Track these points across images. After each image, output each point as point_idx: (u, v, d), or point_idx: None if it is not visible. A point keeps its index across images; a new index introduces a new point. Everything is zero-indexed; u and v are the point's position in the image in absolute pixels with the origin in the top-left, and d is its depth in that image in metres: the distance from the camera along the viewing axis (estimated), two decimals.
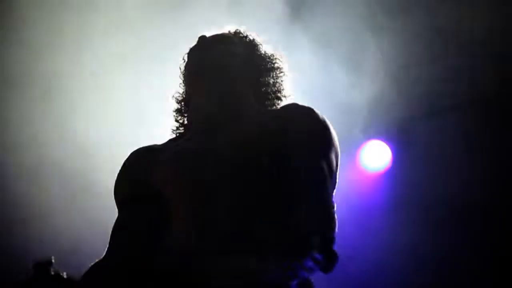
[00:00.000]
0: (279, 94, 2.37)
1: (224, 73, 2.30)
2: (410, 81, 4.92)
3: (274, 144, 2.13)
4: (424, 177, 5.07)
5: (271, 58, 2.39)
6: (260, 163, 2.10)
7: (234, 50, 2.35)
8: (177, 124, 2.43)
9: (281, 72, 2.39)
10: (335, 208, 2.07)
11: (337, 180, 2.16)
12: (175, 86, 2.45)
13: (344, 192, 4.95)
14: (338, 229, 1.99)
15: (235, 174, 2.12)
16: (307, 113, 2.22)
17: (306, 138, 2.14)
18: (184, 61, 2.40)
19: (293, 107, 2.26)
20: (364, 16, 4.75)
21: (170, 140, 2.40)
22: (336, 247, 2.00)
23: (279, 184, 2.08)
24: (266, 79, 2.36)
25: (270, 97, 2.36)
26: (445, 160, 5.05)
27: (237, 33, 2.43)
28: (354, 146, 5.20)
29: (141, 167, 2.28)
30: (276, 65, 2.39)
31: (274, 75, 2.38)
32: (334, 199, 2.13)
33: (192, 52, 2.38)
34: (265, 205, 2.06)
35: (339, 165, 2.17)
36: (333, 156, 2.15)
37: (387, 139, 5.21)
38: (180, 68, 2.41)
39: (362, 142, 5.23)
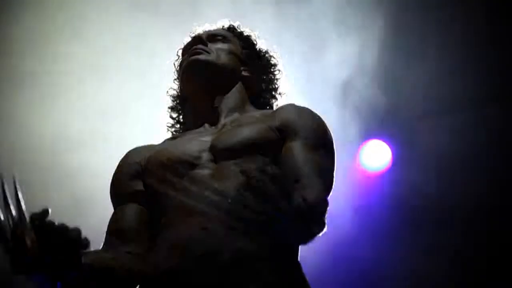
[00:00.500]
0: (274, 92, 2.36)
1: (220, 73, 2.28)
2: (411, 80, 4.92)
3: (271, 141, 2.11)
4: (424, 177, 5.06)
5: (267, 55, 2.39)
6: (258, 159, 2.08)
7: (230, 49, 2.33)
8: (172, 121, 2.41)
9: (276, 69, 2.38)
10: (327, 204, 2.02)
11: (333, 180, 2.14)
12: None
13: (344, 192, 4.97)
14: (337, 227, 1.97)
15: (228, 167, 2.10)
16: (305, 112, 2.22)
17: (303, 134, 2.12)
18: (178, 57, 2.38)
19: (291, 106, 2.26)
20: (362, 14, 4.74)
21: (167, 139, 2.39)
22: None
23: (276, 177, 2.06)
24: (262, 77, 2.35)
25: (266, 95, 2.35)
26: (445, 160, 5.04)
27: (232, 29, 2.41)
28: (354, 146, 5.19)
29: (137, 163, 2.27)
30: (271, 62, 2.38)
31: (269, 73, 2.37)
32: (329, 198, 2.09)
33: (187, 50, 2.36)
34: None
35: (334, 166, 2.16)
36: (329, 155, 2.14)
37: (387, 139, 5.20)
38: (174, 65, 2.39)
39: (362, 142, 5.22)
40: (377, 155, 5.21)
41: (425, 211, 5.07)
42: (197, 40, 2.37)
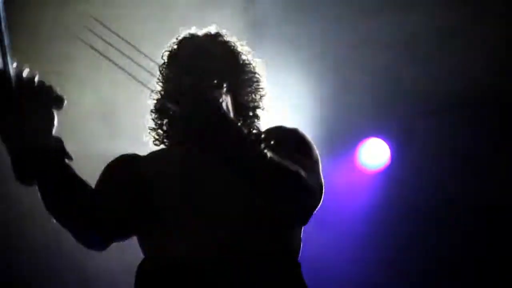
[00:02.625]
0: (256, 107, 2.32)
1: (203, 92, 2.24)
2: (410, 79, 4.92)
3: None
4: (423, 176, 5.06)
5: (251, 69, 2.33)
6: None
7: (214, 65, 2.26)
8: (155, 125, 2.37)
9: (260, 83, 2.34)
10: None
11: (320, 196, 2.13)
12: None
13: (343, 190, 4.98)
14: (336, 226, 1.96)
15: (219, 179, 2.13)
16: (291, 131, 2.21)
17: (288, 149, 2.10)
18: (164, 61, 2.34)
19: (278, 127, 2.24)
20: (361, 15, 4.74)
21: (153, 152, 2.35)
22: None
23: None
24: (245, 91, 2.31)
25: (248, 112, 2.31)
26: (444, 159, 5.04)
27: (217, 36, 2.35)
28: (353, 145, 5.20)
29: (125, 171, 2.25)
30: (255, 77, 2.34)
31: (253, 87, 2.33)
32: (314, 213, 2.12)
33: (170, 65, 2.31)
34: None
35: (322, 184, 2.14)
36: (314, 164, 2.13)
37: (386, 138, 5.21)
38: (159, 69, 2.33)
39: (361, 140, 5.22)
40: (376, 153, 5.21)
41: (424, 210, 5.08)
42: (182, 56, 2.30)
